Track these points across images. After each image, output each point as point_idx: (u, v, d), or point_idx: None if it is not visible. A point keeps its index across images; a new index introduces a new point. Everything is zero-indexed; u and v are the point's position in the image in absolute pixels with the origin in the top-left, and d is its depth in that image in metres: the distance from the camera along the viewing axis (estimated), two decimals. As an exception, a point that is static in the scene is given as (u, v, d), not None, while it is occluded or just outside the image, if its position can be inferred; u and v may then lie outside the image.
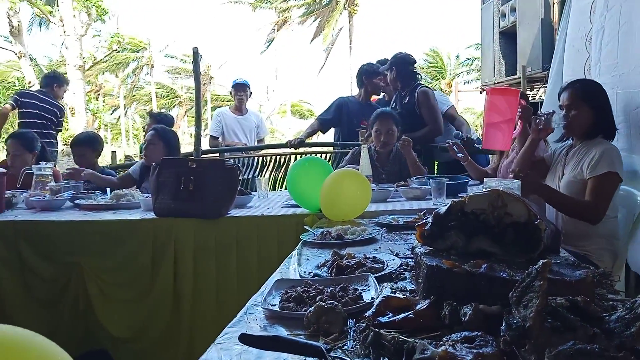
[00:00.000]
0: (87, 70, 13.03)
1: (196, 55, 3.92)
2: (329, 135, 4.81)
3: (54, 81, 5.00)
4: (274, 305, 1.16)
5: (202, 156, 3.75)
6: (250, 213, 2.37)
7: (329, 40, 25.74)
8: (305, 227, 2.02)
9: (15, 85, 14.36)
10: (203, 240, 2.24)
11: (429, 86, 4.25)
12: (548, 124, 2.29)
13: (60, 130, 5.05)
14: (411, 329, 0.99)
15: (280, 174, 4.38)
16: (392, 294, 1.14)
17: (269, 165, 4.41)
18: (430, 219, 1.31)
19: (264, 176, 4.08)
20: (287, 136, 27.00)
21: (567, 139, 2.33)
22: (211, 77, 27.48)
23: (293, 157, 4.32)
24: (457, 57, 27.05)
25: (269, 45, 27.28)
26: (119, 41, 12.53)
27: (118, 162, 4.46)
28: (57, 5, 10.93)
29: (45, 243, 2.25)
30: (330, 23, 25.37)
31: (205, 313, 2.20)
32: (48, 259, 2.24)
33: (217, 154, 4.34)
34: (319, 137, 5.63)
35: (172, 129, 4.10)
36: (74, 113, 10.13)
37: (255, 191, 2.86)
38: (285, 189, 4.22)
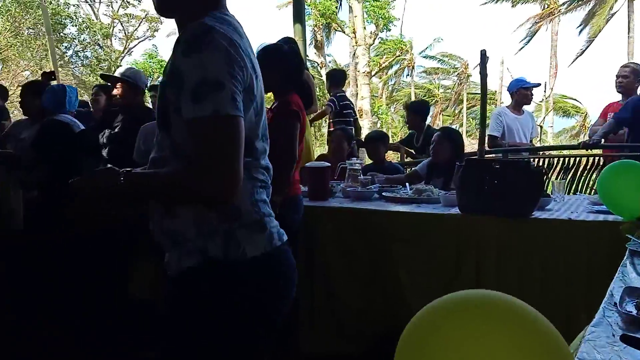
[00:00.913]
0: (373, 76, 14.42)
1: (484, 57, 3.96)
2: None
3: (344, 81, 5.65)
4: (631, 311, 1.15)
5: (486, 156, 3.79)
6: (555, 216, 2.33)
7: (595, 29, 22.72)
8: (628, 235, 1.89)
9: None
10: (506, 239, 2.29)
11: None
12: None
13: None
14: None
15: (569, 176, 4.11)
16: None
17: (555, 167, 4.19)
18: None
19: (560, 179, 3.90)
20: (548, 135, 24.88)
21: None
22: (468, 76, 27.12)
23: (584, 159, 4.01)
24: None
25: (530, 39, 25.49)
26: (401, 47, 13.48)
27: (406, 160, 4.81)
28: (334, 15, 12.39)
29: (363, 228, 2.60)
30: (604, 10, 22.37)
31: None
32: (366, 242, 2.58)
33: (500, 155, 4.31)
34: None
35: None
36: (361, 115, 11.39)
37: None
38: (577, 192, 3.97)
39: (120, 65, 17.82)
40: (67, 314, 3.18)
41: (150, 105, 4.93)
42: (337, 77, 5.68)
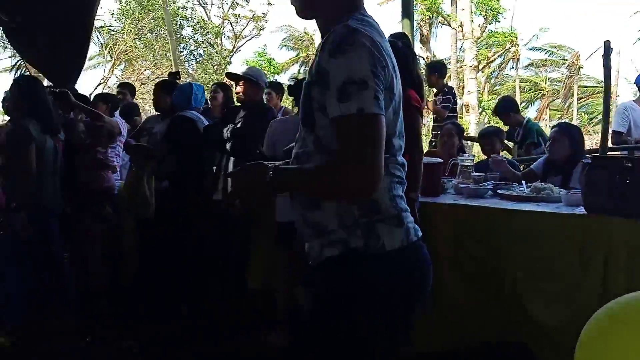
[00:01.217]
0: (480, 70, 13.88)
1: (608, 49, 3.73)
2: None
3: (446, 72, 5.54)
4: None
5: (609, 153, 3.56)
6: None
7: None
8: None
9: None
10: (638, 242, 2.15)
11: None
12: None
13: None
14: None
15: None
16: None
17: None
18: None
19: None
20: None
21: None
22: (579, 68, 25.24)
23: None
24: None
25: (654, 28, 23.08)
26: (511, 39, 12.93)
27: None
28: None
29: (477, 226, 2.55)
30: None
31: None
32: (479, 240, 2.53)
33: (625, 152, 4.01)
34: None
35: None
36: (468, 109, 11.02)
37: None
38: None
39: (230, 63, 18.75)
40: (192, 301, 3.45)
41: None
42: (443, 70, 5.60)
